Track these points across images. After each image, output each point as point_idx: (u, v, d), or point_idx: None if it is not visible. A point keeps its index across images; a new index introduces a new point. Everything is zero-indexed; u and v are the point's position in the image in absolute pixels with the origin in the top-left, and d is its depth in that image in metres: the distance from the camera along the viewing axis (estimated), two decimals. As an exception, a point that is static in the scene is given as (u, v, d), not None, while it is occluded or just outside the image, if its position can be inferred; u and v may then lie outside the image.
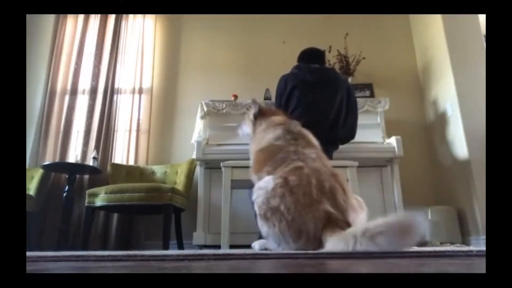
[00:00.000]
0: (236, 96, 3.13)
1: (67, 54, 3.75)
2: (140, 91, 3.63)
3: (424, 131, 3.46)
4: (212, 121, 3.00)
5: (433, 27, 3.34)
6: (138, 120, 3.54)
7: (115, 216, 3.14)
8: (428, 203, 3.04)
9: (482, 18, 3.13)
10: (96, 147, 3.35)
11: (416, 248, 1.21)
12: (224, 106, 3.00)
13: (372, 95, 3.45)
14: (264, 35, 3.83)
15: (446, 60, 3.08)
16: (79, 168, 3.13)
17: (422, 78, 3.60)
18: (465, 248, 1.72)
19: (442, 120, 3.19)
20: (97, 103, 3.55)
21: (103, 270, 0.64)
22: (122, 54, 3.74)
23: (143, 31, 3.81)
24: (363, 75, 3.56)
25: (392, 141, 2.79)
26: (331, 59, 3.45)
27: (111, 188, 2.61)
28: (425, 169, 3.34)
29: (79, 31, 3.81)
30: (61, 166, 3.11)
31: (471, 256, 0.87)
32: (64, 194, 2.92)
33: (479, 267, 0.62)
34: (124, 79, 3.68)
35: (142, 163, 3.38)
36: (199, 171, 2.85)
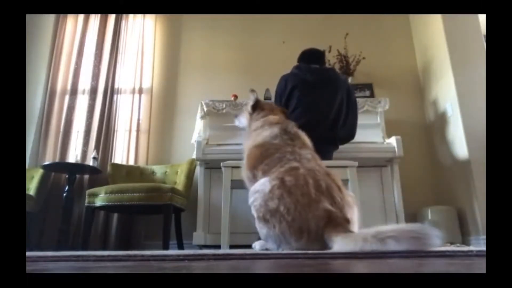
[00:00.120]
0: (236, 96, 3.13)
1: (67, 54, 3.75)
2: (140, 91, 3.63)
3: (424, 131, 3.46)
4: (212, 121, 3.00)
5: (433, 27, 3.34)
6: (138, 120, 3.54)
7: (115, 216, 3.14)
8: (428, 203, 3.05)
9: (482, 18, 3.13)
10: (96, 147, 3.35)
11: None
12: (224, 106, 3.00)
13: (372, 95, 3.45)
14: (264, 35, 3.83)
15: (446, 60, 3.08)
16: (79, 168, 3.13)
17: (422, 78, 3.60)
18: (465, 248, 1.72)
19: (442, 120, 3.19)
20: (97, 103, 3.54)
21: (103, 270, 0.64)
22: (122, 54, 3.74)
23: (143, 31, 3.81)
24: (363, 75, 3.56)
25: (392, 141, 2.78)
26: (331, 59, 3.45)
27: (111, 188, 2.61)
28: (425, 169, 3.34)
29: (79, 31, 3.81)
30: (61, 166, 3.11)
31: (471, 256, 0.87)
32: (64, 194, 2.92)
33: (479, 267, 0.62)
34: (124, 79, 3.68)
35: (142, 163, 3.38)
36: (199, 171, 2.85)
